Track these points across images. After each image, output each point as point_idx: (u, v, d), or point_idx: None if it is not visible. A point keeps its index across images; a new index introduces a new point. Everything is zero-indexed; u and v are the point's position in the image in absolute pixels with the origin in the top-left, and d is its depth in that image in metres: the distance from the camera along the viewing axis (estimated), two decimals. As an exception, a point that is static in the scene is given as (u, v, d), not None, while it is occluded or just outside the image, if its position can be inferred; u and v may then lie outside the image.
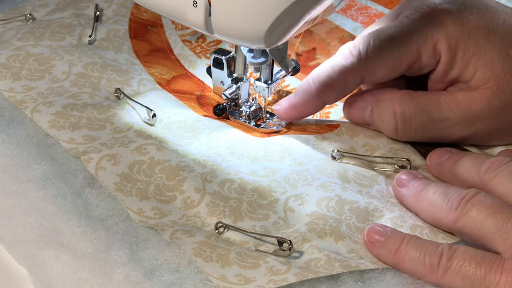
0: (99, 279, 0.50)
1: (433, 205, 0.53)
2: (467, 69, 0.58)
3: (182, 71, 0.73)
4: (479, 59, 0.58)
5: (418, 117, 0.60)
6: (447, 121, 0.59)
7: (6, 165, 0.58)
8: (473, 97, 0.59)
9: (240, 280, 0.49)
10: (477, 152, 0.61)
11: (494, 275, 0.47)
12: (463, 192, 0.52)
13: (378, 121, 0.61)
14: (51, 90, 0.67)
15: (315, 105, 0.63)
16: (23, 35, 0.73)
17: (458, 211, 0.51)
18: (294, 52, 0.75)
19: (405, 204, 0.55)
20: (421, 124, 0.60)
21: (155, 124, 0.63)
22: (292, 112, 0.63)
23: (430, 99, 0.60)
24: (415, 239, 0.51)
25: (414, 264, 0.50)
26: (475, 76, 0.58)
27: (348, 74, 0.60)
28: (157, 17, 0.80)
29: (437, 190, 0.53)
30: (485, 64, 0.58)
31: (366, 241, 0.52)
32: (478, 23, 0.58)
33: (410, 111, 0.60)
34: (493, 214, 0.49)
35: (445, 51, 0.59)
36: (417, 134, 0.61)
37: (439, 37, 0.58)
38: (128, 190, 0.56)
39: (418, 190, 0.54)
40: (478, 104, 0.59)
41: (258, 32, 0.51)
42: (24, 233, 0.53)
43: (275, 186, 0.57)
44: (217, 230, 0.53)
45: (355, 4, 0.81)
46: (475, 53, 0.58)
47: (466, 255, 0.48)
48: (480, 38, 0.58)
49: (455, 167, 0.56)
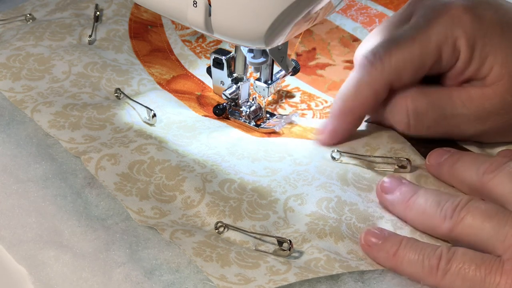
0: (99, 279, 0.50)
1: (425, 213, 0.52)
2: (483, 66, 0.58)
3: (182, 71, 0.73)
4: (495, 55, 0.58)
5: (431, 113, 0.59)
6: (460, 117, 0.59)
7: (6, 165, 0.58)
8: (486, 93, 0.58)
9: (240, 280, 0.49)
10: (477, 152, 0.61)
11: (494, 277, 0.47)
12: (456, 200, 0.51)
13: (391, 117, 0.61)
14: (51, 90, 0.67)
15: (353, 123, 0.62)
16: (23, 35, 0.73)
17: (453, 219, 0.50)
18: (294, 52, 0.75)
19: (393, 212, 0.55)
20: (434, 120, 0.59)
21: (155, 124, 0.63)
22: (336, 136, 0.62)
23: (443, 94, 0.59)
24: (413, 242, 0.50)
25: (413, 266, 0.49)
26: (491, 73, 0.58)
27: (375, 85, 0.59)
28: (157, 17, 0.80)
29: (428, 198, 0.52)
30: (500, 60, 0.58)
31: (363, 244, 0.51)
32: (493, 19, 0.58)
33: (423, 107, 0.59)
34: (489, 218, 0.49)
35: (465, 48, 0.58)
36: (430, 130, 0.60)
37: (458, 35, 0.58)
38: (128, 190, 0.56)
39: (406, 197, 0.54)
40: (491, 100, 0.58)
41: (258, 32, 0.51)
42: (24, 233, 0.53)
43: (275, 186, 0.57)
44: (217, 230, 0.53)
45: (355, 4, 0.81)
46: (491, 50, 0.58)
47: (465, 257, 0.48)
48: (495, 35, 0.58)
49: (454, 167, 0.56)
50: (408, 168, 0.59)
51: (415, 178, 0.58)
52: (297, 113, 0.67)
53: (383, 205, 0.55)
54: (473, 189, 0.55)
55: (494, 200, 0.52)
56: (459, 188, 0.56)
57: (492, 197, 0.52)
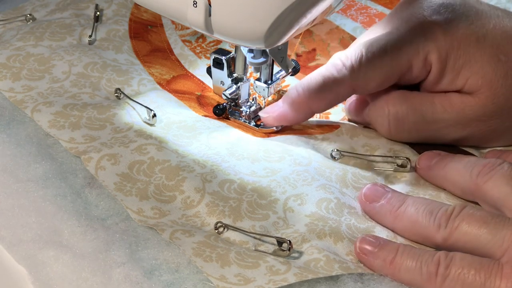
0: (99, 278, 0.50)
1: (417, 223, 0.52)
2: (457, 79, 0.58)
3: (182, 71, 0.73)
4: (470, 67, 0.58)
5: (411, 117, 0.60)
6: (440, 122, 0.59)
7: (6, 164, 0.58)
8: (467, 100, 0.59)
9: (240, 280, 0.49)
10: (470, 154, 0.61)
11: (494, 281, 0.47)
12: (449, 208, 0.51)
13: (374, 120, 0.62)
14: (51, 90, 0.67)
15: (304, 114, 0.63)
16: (23, 35, 0.73)
17: (448, 228, 0.50)
18: (294, 52, 0.75)
19: (381, 222, 0.54)
20: (414, 124, 0.60)
21: (155, 124, 0.63)
22: (281, 121, 0.63)
23: (424, 99, 0.60)
24: (410, 249, 0.50)
25: (411, 274, 0.49)
26: (467, 84, 0.58)
27: (339, 86, 0.60)
28: (157, 17, 0.80)
29: (419, 207, 0.52)
30: (476, 71, 0.58)
31: (358, 252, 0.51)
32: (467, 32, 0.58)
33: (403, 112, 0.60)
34: (485, 224, 0.49)
35: (436, 62, 0.58)
36: (411, 134, 0.61)
37: (429, 49, 0.58)
38: (128, 190, 0.56)
39: (395, 206, 0.53)
40: (472, 107, 0.58)
41: (258, 32, 0.51)
42: (24, 233, 0.53)
43: (274, 186, 0.57)
44: (216, 230, 0.53)
45: (355, 4, 0.81)
46: (466, 62, 0.58)
47: (464, 262, 0.48)
48: (469, 47, 0.58)
49: (445, 170, 0.56)
50: (407, 167, 0.59)
51: (414, 178, 0.58)
52: (297, 113, 0.67)
53: (369, 214, 0.55)
54: (466, 192, 0.54)
55: (489, 203, 0.52)
56: (451, 190, 0.56)
57: (487, 200, 0.52)
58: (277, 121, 0.63)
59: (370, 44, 0.60)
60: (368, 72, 0.59)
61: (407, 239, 0.53)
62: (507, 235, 0.48)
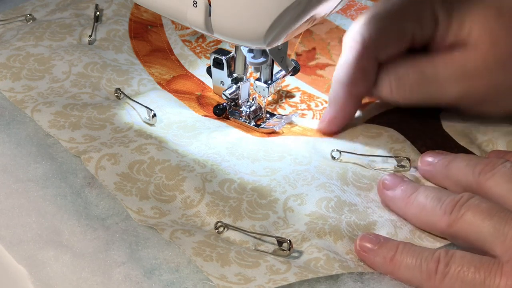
0: (99, 278, 0.50)
1: (425, 209, 0.52)
2: (462, 29, 0.59)
3: (182, 71, 0.73)
4: (473, 18, 0.58)
5: (411, 74, 0.60)
6: (441, 78, 0.60)
7: (6, 164, 0.58)
8: (468, 54, 0.59)
9: (240, 280, 0.49)
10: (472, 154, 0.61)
11: (493, 279, 0.47)
12: (456, 196, 0.51)
13: (377, 85, 0.62)
14: (51, 90, 0.67)
15: (352, 105, 0.63)
16: (23, 35, 0.73)
17: (453, 215, 0.50)
18: (294, 52, 0.75)
19: (393, 208, 0.55)
20: (415, 81, 0.60)
21: (155, 124, 0.63)
22: (336, 122, 0.63)
23: (425, 57, 0.61)
24: (410, 246, 0.50)
25: (411, 271, 0.49)
26: (471, 36, 0.59)
27: (363, 62, 0.61)
28: (157, 17, 0.80)
29: (428, 194, 0.53)
30: (478, 19, 0.58)
31: (358, 250, 0.51)
32: None
33: (403, 70, 0.61)
34: (489, 217, 0.49)
35: (442, 12, 0.59)
36: (413, 94, 0.61)
37: (435, 0, 0.59)
38: (128, 189, 0.56)
39: (407, 193, 0.54)
40: (473, 60, 0.59)
41: (258, 32, 0.51)
42: (24, 233, 0.53)
43: (274, 185, 0.57)
44: (216, 229, 0.53)
45: (355, 4, 0.81)
46: (469, 12, 0.59)
47: (463, 260, 0.48)
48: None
49: (448, 169, 0.56)
50: (408, 168, 0.59)
51: (415, 178, 0.58)
52: (297, 113, 0.67)
53: (384, 201, 0.56)
54: (468, 190, 0.54)
55: (491, 201, 0.52)
56: (454, 189, 0.56)
57: (489, 198, 0.52)
58: (332, 125, 0.63)
59: (377, 11, 0.61)
60: (381, 37, 0.60)
61: (416, 230, 0.53)
62: (510, 232, 0.48)
